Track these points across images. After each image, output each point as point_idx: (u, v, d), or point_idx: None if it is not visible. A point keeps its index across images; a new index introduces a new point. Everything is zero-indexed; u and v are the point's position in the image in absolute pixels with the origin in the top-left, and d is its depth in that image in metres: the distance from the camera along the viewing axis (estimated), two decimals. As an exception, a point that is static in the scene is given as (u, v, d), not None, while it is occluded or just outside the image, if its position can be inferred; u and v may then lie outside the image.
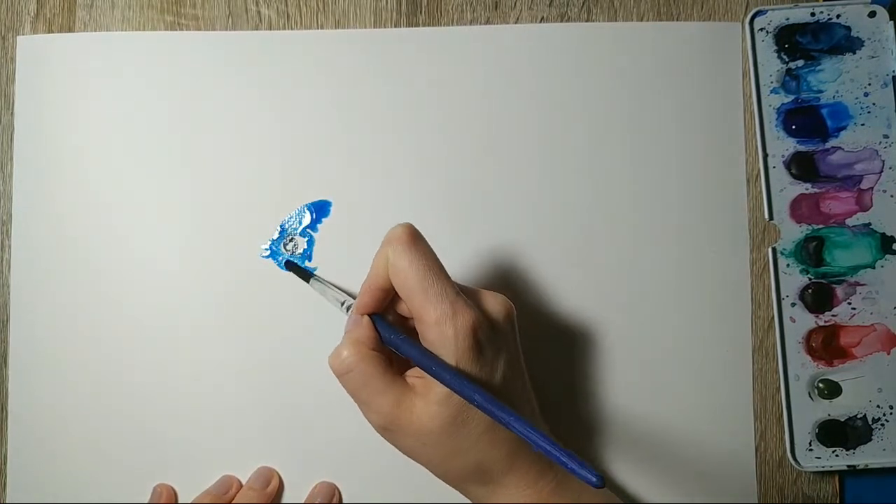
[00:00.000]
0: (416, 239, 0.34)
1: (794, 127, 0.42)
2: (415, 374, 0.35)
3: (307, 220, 0.42)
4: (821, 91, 0.42)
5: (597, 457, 0.42)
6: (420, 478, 0.38)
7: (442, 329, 0.33)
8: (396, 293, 0.35)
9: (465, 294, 0.34)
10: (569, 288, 0.42)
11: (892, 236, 0.42)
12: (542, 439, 0.30)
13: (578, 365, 0.42)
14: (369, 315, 0.35)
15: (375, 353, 0.34)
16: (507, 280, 0.42)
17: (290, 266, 0.42)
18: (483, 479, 0.35)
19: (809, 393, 0.42)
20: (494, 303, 0.36)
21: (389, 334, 0.35)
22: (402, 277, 0.33)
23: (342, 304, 0.39)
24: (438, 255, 0.42)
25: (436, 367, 0.33)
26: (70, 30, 0.43)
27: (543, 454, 0.30)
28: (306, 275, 0.41)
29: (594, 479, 0.29)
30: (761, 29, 0.42)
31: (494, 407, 0.31)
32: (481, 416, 0.33)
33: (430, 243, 0.42)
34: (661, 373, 0.42)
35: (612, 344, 0.42)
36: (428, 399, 0.33)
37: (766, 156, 0.42)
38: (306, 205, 0.42)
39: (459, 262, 0.42)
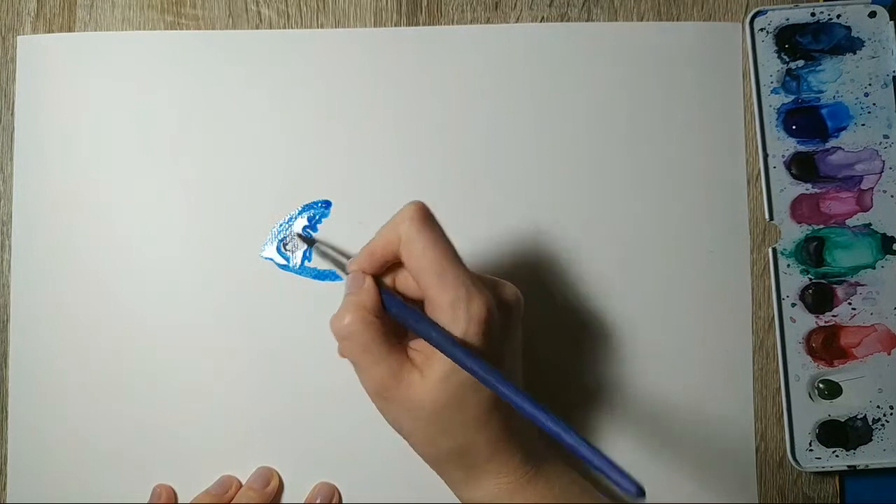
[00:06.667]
0: (430, 220, 0.34)
1: (794, 127, 0.42)
2: (416, 347, 0.34)
3: (307, 220, 0.42)
4: (821, 91, 0.42)
5: (597, 457, 0.42)
6: (420, 478, 0.38)
7: (456, 312, 0.33)
8: (393, 266, 0.35)
9: (479, 281, 0.34)
10: (568, 288, 0.42)
11: (892, 237, 0.42)
12: (581, 442, 0.30)
13: (577, 364, 0.42)
14: (374, 279, 0.35)
15: (377, 320, 0.34)
16: (506, 276, 0.42)
17: (301, 237, 0.42)
18: (464, 463, 0.35)
19: (810, 393, 0.42)
20: (507, 292, 0.35)
21: (394, 304, 0.34)
22: (418, 258, 0.33)
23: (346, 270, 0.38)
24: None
25: (453, 346, 0.32)
26: (70, 30, 0.43)
27: (570, 453, 0.30)
28: (311, 241, 0.41)
29: (633, 489, 0.28)
30: (761, 29, 0.42)
31: (525, 400, 0.31)
32: (479, 400, 0.33)
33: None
34: (660, 373, 0.42)
35: (612, 344, 0.42)
36: (427, 375, 0.33)
37: (766, 156, 0.42)
38: (306, 205, 0.42)
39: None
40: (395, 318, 0.34)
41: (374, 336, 0.33)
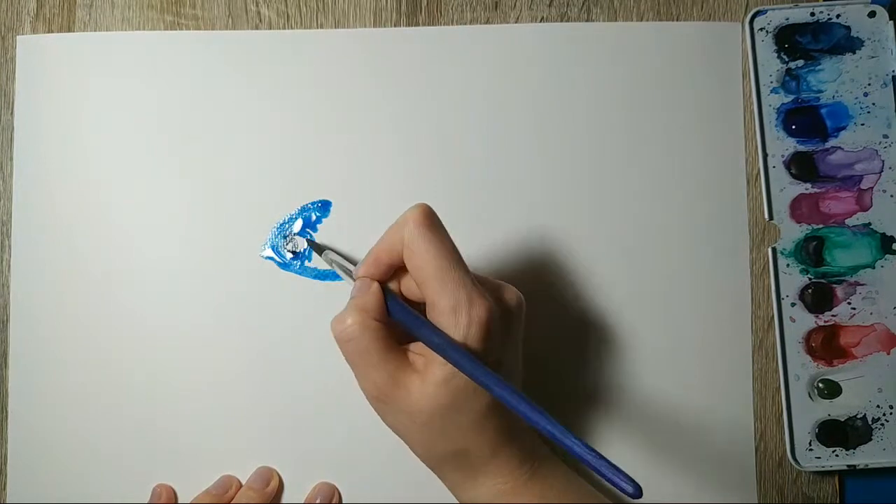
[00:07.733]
0: (434, 222, 0.34)
1: (793, 127, 0.42)
2: (416, 351, 0.34)
3: (307, 219, 0.42)
4: (821, 91, 0.42)
5: (597, 457, 0.42)
6: (420, 478, 0.38)
7: (457, 317, 0.32)
8: (398, 270, 0.35)
9: (481, 284, 0.34)
10: (567, 287, 0.42)
11: (891, 236, 0.42)
12: (577, 444, 0.30)
13: (576, 364, 0.42)
14: (379, 284, 0.35)
15: (379, 325, 0.34)
16: (506, 277, 0.42)
17: (311, 244, 0.42)
18: (463, 465, 0.35)
19: (809, 393, 0.42)
20: (509, 295, 0.35)
21: (399, 309, 0.34)
22: (419, 261, 0.33)
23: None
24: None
25: (454, 351, 0.32)
26: (70, 30, 0.43)
27: (570, 455, 0.30)
28: (320, 248, 0.41)
29: (630, 489, 0.28)
30: (761, 29, 0.42)
31: (522, 404, 0.31)
32: (477, 404, 0.33)
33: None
34: (660, 373, 0.42)
35: (611, 344, 0.42)
36: (426, 379, 0.33)
37: (766, 156, 0.42)
38: (306, 205, 0.42)
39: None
40: (398, 323, 0.34)
41: (373, 340, 0.33)
